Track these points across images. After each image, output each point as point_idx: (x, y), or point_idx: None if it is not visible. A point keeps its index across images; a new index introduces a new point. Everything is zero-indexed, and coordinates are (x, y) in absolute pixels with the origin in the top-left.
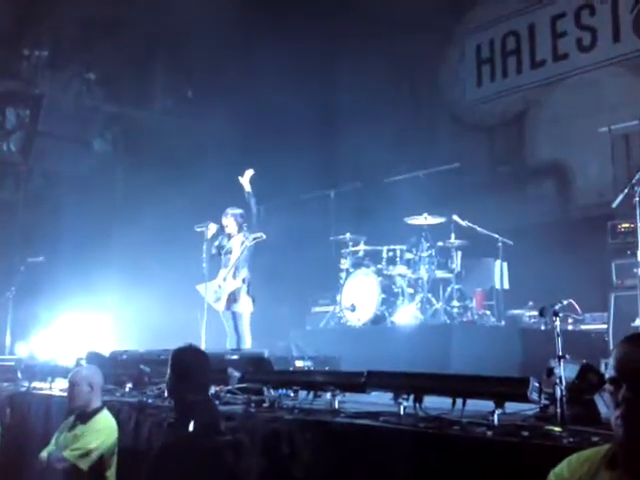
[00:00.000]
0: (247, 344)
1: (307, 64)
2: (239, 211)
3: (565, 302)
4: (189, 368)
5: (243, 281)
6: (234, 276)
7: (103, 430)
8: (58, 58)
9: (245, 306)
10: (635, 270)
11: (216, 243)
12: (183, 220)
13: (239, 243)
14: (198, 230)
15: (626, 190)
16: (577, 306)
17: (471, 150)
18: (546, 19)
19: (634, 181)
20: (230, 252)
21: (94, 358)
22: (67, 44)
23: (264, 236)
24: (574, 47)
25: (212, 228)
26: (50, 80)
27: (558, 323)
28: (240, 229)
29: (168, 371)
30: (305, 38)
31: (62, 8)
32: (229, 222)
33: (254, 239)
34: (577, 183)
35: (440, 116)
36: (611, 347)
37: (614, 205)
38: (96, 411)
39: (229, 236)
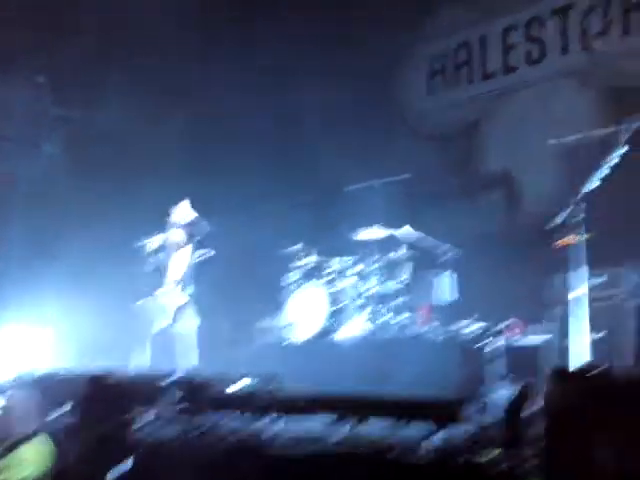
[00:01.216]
0: (191, 361)
1: (261, 76)
2: (185, 221)
3: (509, 321)
4: (95, 399)
5: (189, 297)
6: (179, 292)
7: (36, 457)
8: (7, 61)
9: (190, 322)
10: (576, 285)
11: (160, 256)
12: (129, 231)
13: (186, 255)
14: (142, 243)
15: (569, 208)
16: (520, 325)
17: (423, 160)
18: (498, 31)
19: (577, 199)
20: (175, 266)
21: (29, 379)
22: (17, 47)
23: (212, 252)
24: (523, 60)
25: (157, 241)
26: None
27: (500, 344)
28: (187, 241)
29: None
30: (259, 50)
31: (12, 11)
32: (174, 234)
33: (200, 255)
34: (525, 195)
35: (394, 126)
36: (554, 361)
37: (556, 222)
38: (30, 436)
39: (174, 249)
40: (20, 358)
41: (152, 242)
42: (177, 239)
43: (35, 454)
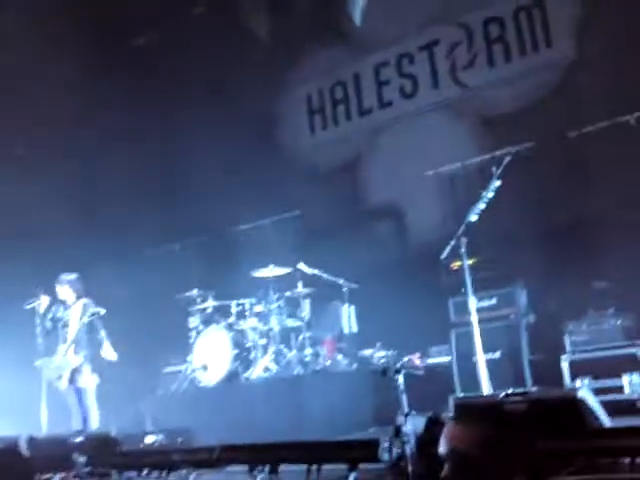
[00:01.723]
0: (94, 421)
1: (144, 123)
2: (73, 276)
3: (406, 359)
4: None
5: (84, 357)
6: (75, 351)
7: None
8: None
9: (89, 381)
10: (468, 310)
11: (50, 316)
12: (15, 291)
13: (78, 313)
14: (29, 307)
15: (452, 242)
16: (417, 360)
17: (310, 197)
18: (369, 69)
19: (459, 234)
20: (68, 324)
21: None
22: None
23: (102, 311)
24: (397, 94)
25: (44, 301)
26: None
27: (401, 381)
28: (78, 296)
29: None
30: (142, 99)
31: None
32: (64, 290)
33: (92, 314)
34: (411, 224)
35: (279, 164)
36: (456, 382)
37: (442, 256)
38: None
39: (65, 305)
40: None
41: (41, 302)
42: (67, 294)
43: None
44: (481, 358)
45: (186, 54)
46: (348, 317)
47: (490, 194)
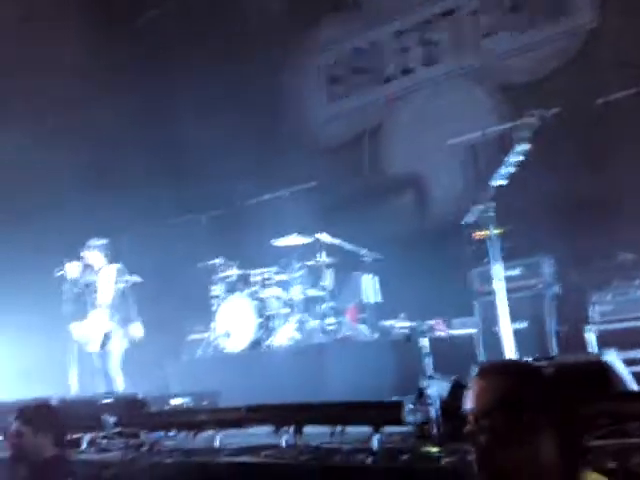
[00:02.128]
0: (119, 385)
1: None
2: (103, 241)
3: (431, 322)
4: (48, 422)
5: (116, 322)
6: (106, 316)
7: None
8: None
9: (118, 345)
10: (494, 279)
11: (81, 281)
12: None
13: (109, 279)
14: (59, 274)
15: (477, 207)
16: (442, 324)
17: (330, 168)
18: (390, 35)
19: (484, 198)
20: (97, 290)
21: None
22: None
23: (137, 279)
24: (418, 62)
25: (74, 267)
26: None
27: (425, 344)
28: (108, 261)
29: (20, 428)
30: (149, 76)
31: None
32: (94, 255)
33: (127, 281)
34: (433, 194)
35: (296, 136)
36: (481, 353)
37: (465, 221)
38: None
39: (94, 271)
40: None
41: (69, 270)
42: (97, 259)
43: None
44: (506, 328)
45: (202, 24)
46: (371, 287)
47: (517, 157)
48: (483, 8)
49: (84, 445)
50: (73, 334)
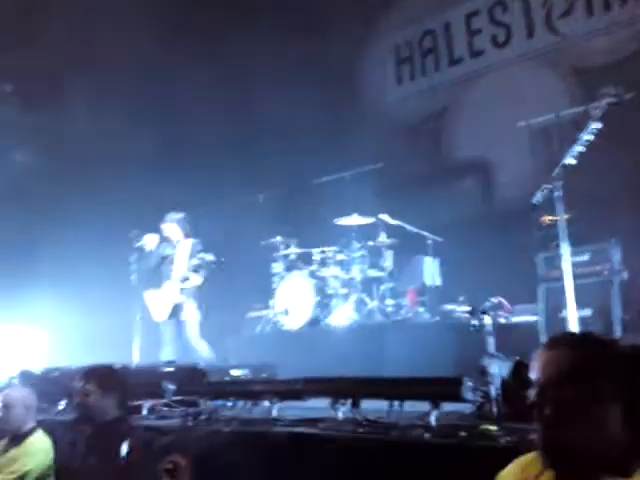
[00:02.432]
0: (204, 352)
1: (225, 74)
2: (181, 215)
3: (495, 300)
4: (114, 384)
5: (190, 294)
6: (180, 288)
7: (38, 451)
8: None
9: (192, 315)
10: (561, 262)
11: (159, 251)
12: (111, 230)
13: (186, 252)
14: (137, 245)
15: (546, 185)
16: (506, 302)
17: (395, 149)
18: (461, 17)
19: (553, 175)
20: (173, 261)
21: (26, 376)
22: None
23: (210, 257)
24: (489, 44)
25: (151, 239)
26: None
27: (488, 322)
28: (185, 235)
29: (87, 387)
30: (221, 47)
31: None
32: (171, 228)
33: (202, 258)
34: (500, 178)
35: (362, 117)
36: (543, 339)
37: (534, 201)
38: (30, 432)
39: (172, 244)
40: (14, 357)
41: (147, 242)
42: (174, 232)
43: (38, 448)
44: (572, 313)
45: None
46: (432, 270)
47: (589, 136)
48: None
49: (144, 411)
50: (146, 301)
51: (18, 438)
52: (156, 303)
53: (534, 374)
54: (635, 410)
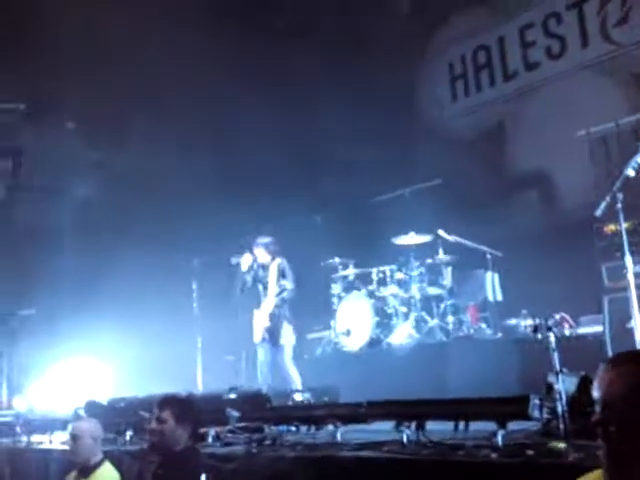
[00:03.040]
0: (295, 379)
1: (283, 97)
2: (268, 239)
3: (557, 316)
4: (189, 414)
5: (282, 317)
6: (271, 312)
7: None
8: (36, 108)
9: (288, 339)
10: (625, 271)
11: (251, 274)
12: (171, 259)
13: (275, 272)
14: (234, 262)
15: (608, 198)
16: (569, 318)
17: (452, 165)
18: (514, 31)
19: (615, 188)
20: (267, 286)
21: (92, 407)
22: (44, 94)
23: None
24: (544, 56)
25: (247, 258)
26: (30, 131)
27: (552, 339)
28: (273, 257)
29: (163, 415)
30: (279, 74)
31: (37, 57)
32: (260, 252)
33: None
34: (560, 189)
35: (419, 134)
36: (608, 350)
37: (597, 213)
38: (98, 464)
39: (263, 266)
40: (80, 389)
41: (244, 260)
42: (263, 255)
43: (110, 477)
44: (638, 324)
45: (327, 22)
46: (492, 285)
47: None
48: None
49: (209, 439)
50: (254, 320)
51: (87, 470)
52: (256, 323)
53: (598, 392)
54: None
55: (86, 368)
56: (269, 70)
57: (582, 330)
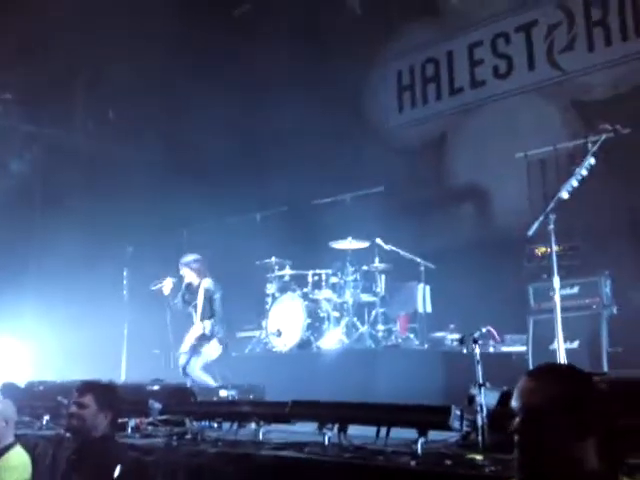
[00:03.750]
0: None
1: (230, 94)
2: (190, 258)
3: (484, 330)
4: (112, 402)
5: (211, 325)
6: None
7: (16, 467)
8: None
9: (210, 352)
10: (551, 294)
11: (177, 298)
12: (103, 244)
13: (202, 296)
14: (154, 289)
15: (541, 218)
16: (495, 333)
17: (394, 174)
18: (463, 47)
19: (548, 209)
20: (196, 305)
21: (9, 389)
22: None
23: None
24: (490, 75)
25: (168, 283)
26: None
27: (478, 351)
28: (199, 275)
29: (84, 400)
30: (228, 70)
31: None
32: (185, 272)
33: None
34: (495, 207)
35: (364, 141)
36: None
37: (530, 233)
38: (8, 447)
39: (191, 286)
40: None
41: (164, 285)
42: (189, 275)
43: (15, 463)
44: (561, 346)
45: (280, 24)
46: (423, 297)
47: (584, 172)
48: (561, 23)
49: (129, 430)
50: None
51: (1, 449)
52: (186, 337)
53: (517, 402)
54: (608, 444)
55: (4, 348)
56: (220, 62)
57: (506, 348)
